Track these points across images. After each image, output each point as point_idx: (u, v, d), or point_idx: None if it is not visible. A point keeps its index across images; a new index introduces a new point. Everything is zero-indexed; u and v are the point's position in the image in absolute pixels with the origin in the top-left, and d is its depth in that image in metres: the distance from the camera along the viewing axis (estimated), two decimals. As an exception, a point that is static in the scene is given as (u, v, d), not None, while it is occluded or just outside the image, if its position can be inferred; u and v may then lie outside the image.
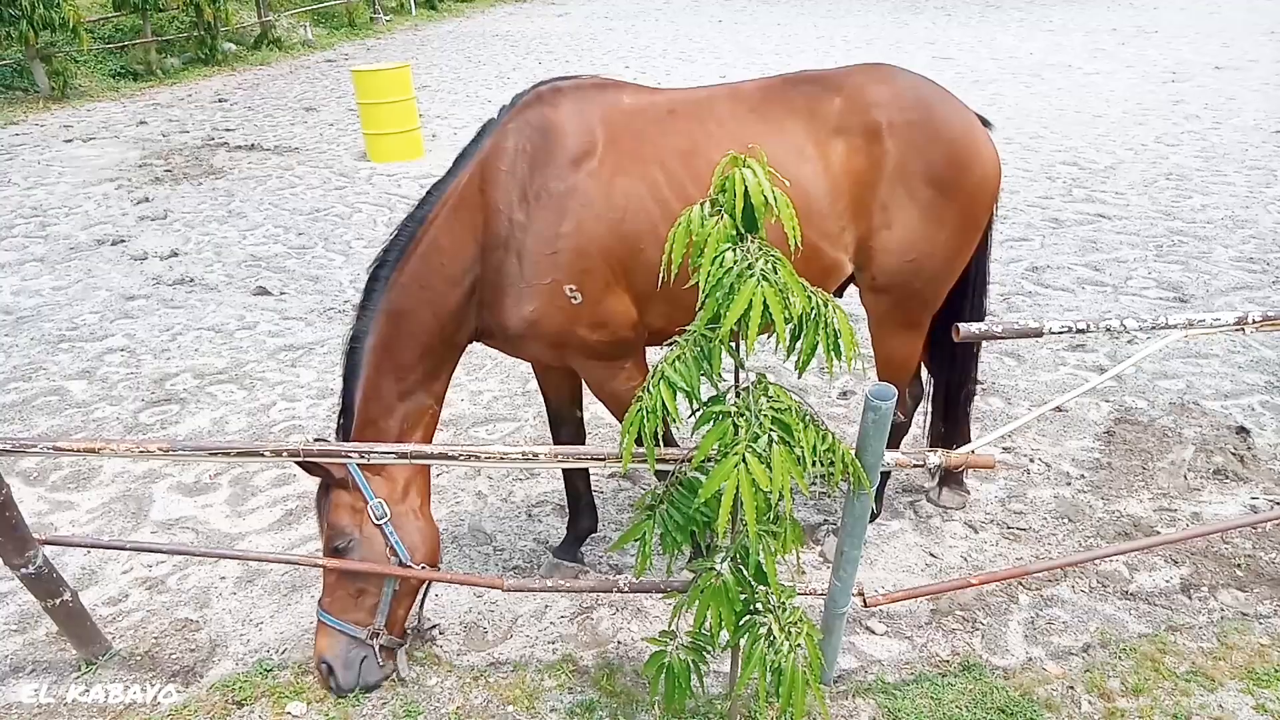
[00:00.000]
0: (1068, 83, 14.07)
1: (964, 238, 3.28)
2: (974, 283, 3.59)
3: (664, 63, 17.43)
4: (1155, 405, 4.86)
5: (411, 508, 3.03)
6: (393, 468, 3.00)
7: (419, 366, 3.04)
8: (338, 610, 2.99)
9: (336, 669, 3.00)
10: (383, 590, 2.99)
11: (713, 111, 3.12)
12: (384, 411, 3.02)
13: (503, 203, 2.93)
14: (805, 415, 2.23)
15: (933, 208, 3.14)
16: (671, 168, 2.99)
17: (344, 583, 2.98)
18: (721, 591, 2.32)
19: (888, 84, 3.21)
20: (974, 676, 3.10)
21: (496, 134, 3.01)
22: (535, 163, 2.93)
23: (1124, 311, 5.90)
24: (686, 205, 2.94)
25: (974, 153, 3.20)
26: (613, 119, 3.04)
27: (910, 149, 3.10)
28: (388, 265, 3.00)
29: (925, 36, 19.71)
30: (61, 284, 7.28)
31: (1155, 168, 9.42)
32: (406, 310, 2.97)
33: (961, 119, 3.24)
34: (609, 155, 2.97)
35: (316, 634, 3.04)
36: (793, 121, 3.12)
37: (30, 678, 3.23)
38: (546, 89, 3.10)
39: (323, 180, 10.20)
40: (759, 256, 2.09)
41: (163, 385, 5.54)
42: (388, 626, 3.04)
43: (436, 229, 2.97)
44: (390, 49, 21.10)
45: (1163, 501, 4.06)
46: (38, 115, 14.21)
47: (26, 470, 4.57)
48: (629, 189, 2.95)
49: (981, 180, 3.22)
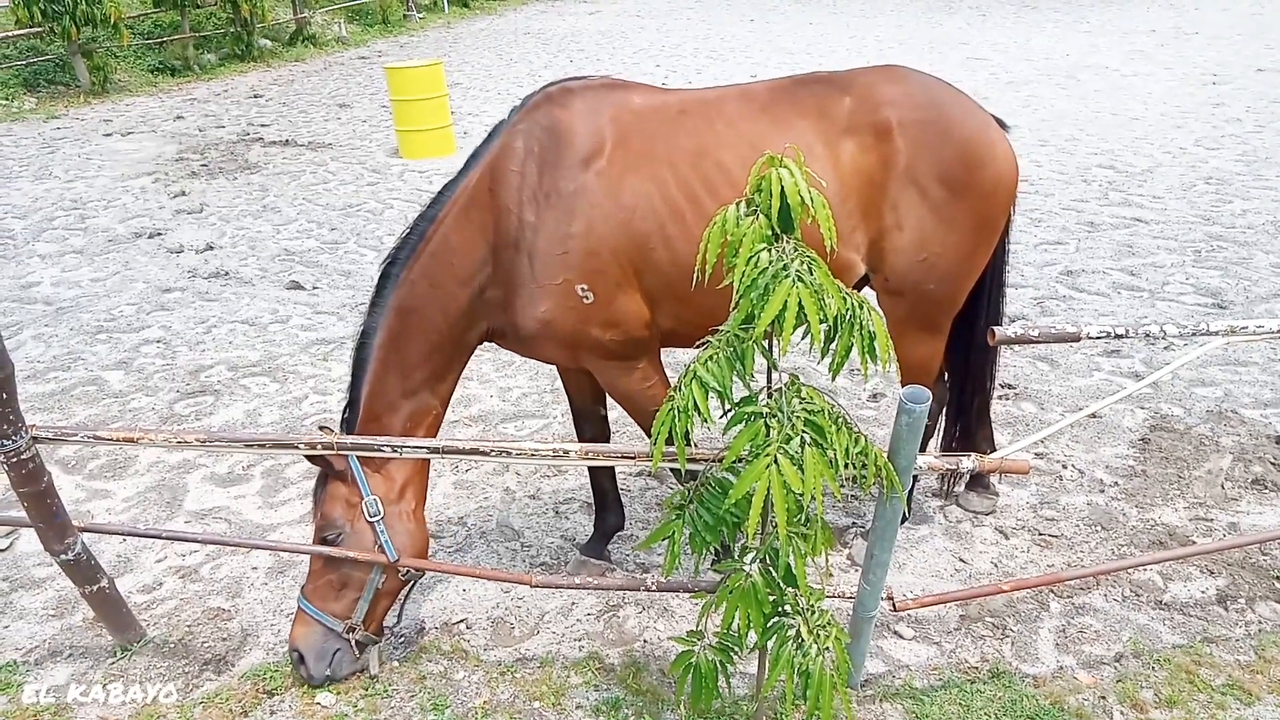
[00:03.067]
0: (1104, 85, 13.87)
1: (979, 239, 3.22)
2: (990, 286, 3.52)
3: (695, 61, 17.40)
4: (1192, 413, 4.78)
5: (405, 509, 3.06)
6: (391, 468, 3.04)
7: (426, 365, 3.07)
8: (318, 600, 3.01)
9: (309, 659, 3.01)
10: (366, 585, 3.00)
11: (722, 112, 3.11)
12: (388, 408, 3.05)
13: (513, 203, 2.95)
14: (838, 417, 2.21)
15: (945, 208, 3.09)
16: (681, 168, 2.99)
17: (328, 573, 3.01)
18: (750, 593, 2.32)
19: (899, 83, 3.17)
20: (1003, 684, 3.07)
21: (506, 134, 3.04)
22: (545, 163, 2.95)
23: (1160, 317, 5.80)
24: (695, 205, 2.98)
25: (988, 152, 3.14)
26: (622, 119, 3.05)
27: (921, 148, 3.06)
28: (399, 263, 3.03)
29: (959, 37, 19.51)
30: (100, 276, 7.41)
31: (1194, 171, 9.26)
32: (415, 308, 3.01)
33: (975, 118, 3.19)
34: (618, 155, 2.98)
35: (294, 621, 3.06)
36: (802, 121, 3.09)
37: (67, 662, 3.30)
38: (556, 89, 3.12)
39: (355, 176, 10.29)
40: (794, 257, 2.08)
41: (197, 377, 5.62)
42: (366, 622, 3.05)
43: (447, 228, 3.00)
44: (423, 46, 21.24)
45: (1199, 511, 3.99)
46: (78, 109, 14.46)
47: (64, 459, 4.66)
48: (638, 189, 2.95)
49: (995, 180, 3.16)
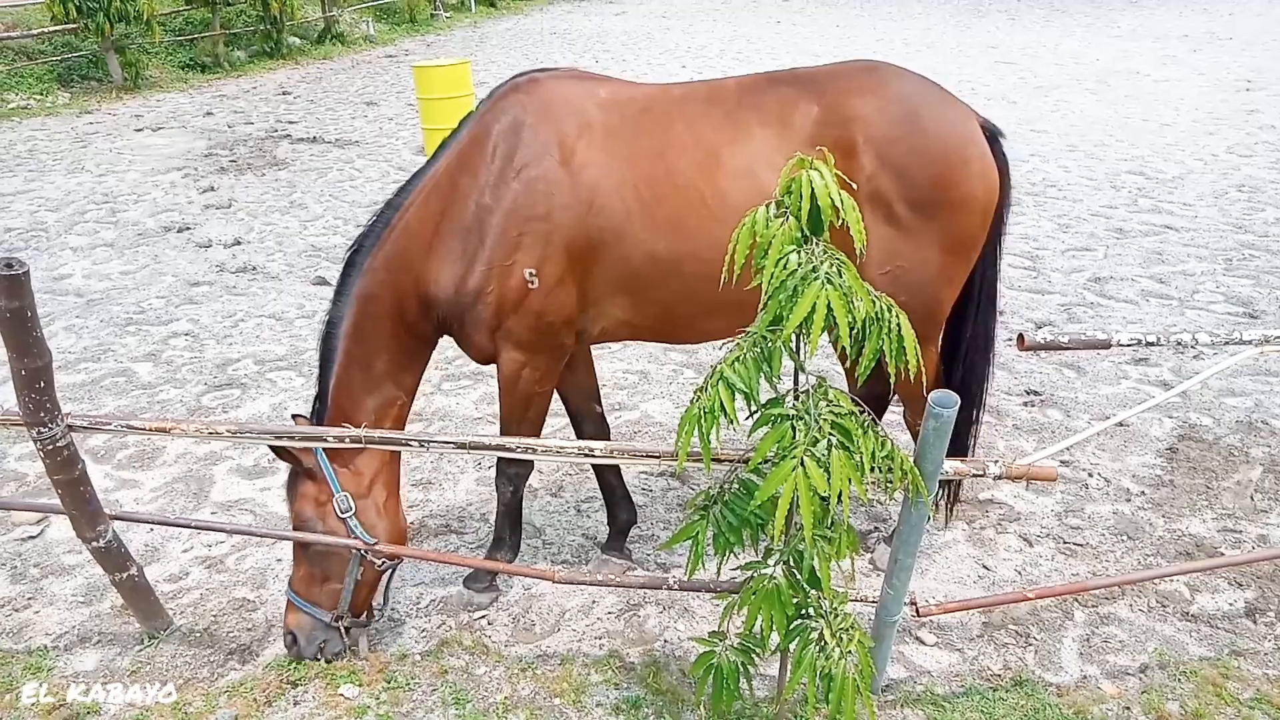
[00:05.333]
0: (1135, 90, 13.73)
1: (953, 255, 3.11)
2: (978, 296, 3.40)
3: (720, 62, 17.38)
4: (1221, 423, 4.72)
5: (376, 502, 3.12)
6: (360, 462, 3.09)
7: (386, 354, 3.13)
8: (303, 591, 3.10)
9: (300, 640, 3.12)
10: (345, 578, 3.07)
11: (683, 112, 3.09)
12: (354, 399, 3.11)
13: (473, 189, 3.01)
14: (865, 421, 2.21)
15: (911, 226, 3.00)
16: (639, 166, 3.00)
17: (309, 566, 3.09)
18: (774, 594, 2.32)
19: (874, 94, 3.02)
20: (1026, 692, 3.05)
21: (474, 124, 3.11)
22: (510, 150, 3.00)
23: (1190, 326, 5.73)
24: (644, 207, 3.00)
25: (961, 171, 3.01)
26: (587, 112, 3.07)
27: (887, 169, 2.95)
28: (364, 250, 3.10)
29: (987, 40, 19.37)
30: (130, 269, 7.51)
31: (1226, 179, 9.14)
32: (376, 295, 3.07)
33: (954, 133, 3.04)
34: (580, 147, 3.00)
35: (286, 609, 3.16)
36: (763, 130, 3.02)
37: (96, 648, 3.35)
38: (524, 80, 3.17)
39: (382, 174, 10.37)
40: (824, 259, 2.08)
41: (224, 370, 5.68)
42: (351, 610, 3.13)
43: (410, 215, 3.07)
44: (450, 45, 21.36)
45: (1227, 522, 3.94)
46: (111, 105, 14.66)
47: (94, 448, 4.72)
48: (597, 183, 2.98)
49: (967, 199, 3.02)
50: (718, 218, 2.95)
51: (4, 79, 14.82)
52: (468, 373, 5.51)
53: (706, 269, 2.96)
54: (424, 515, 4.18)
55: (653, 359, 5.74)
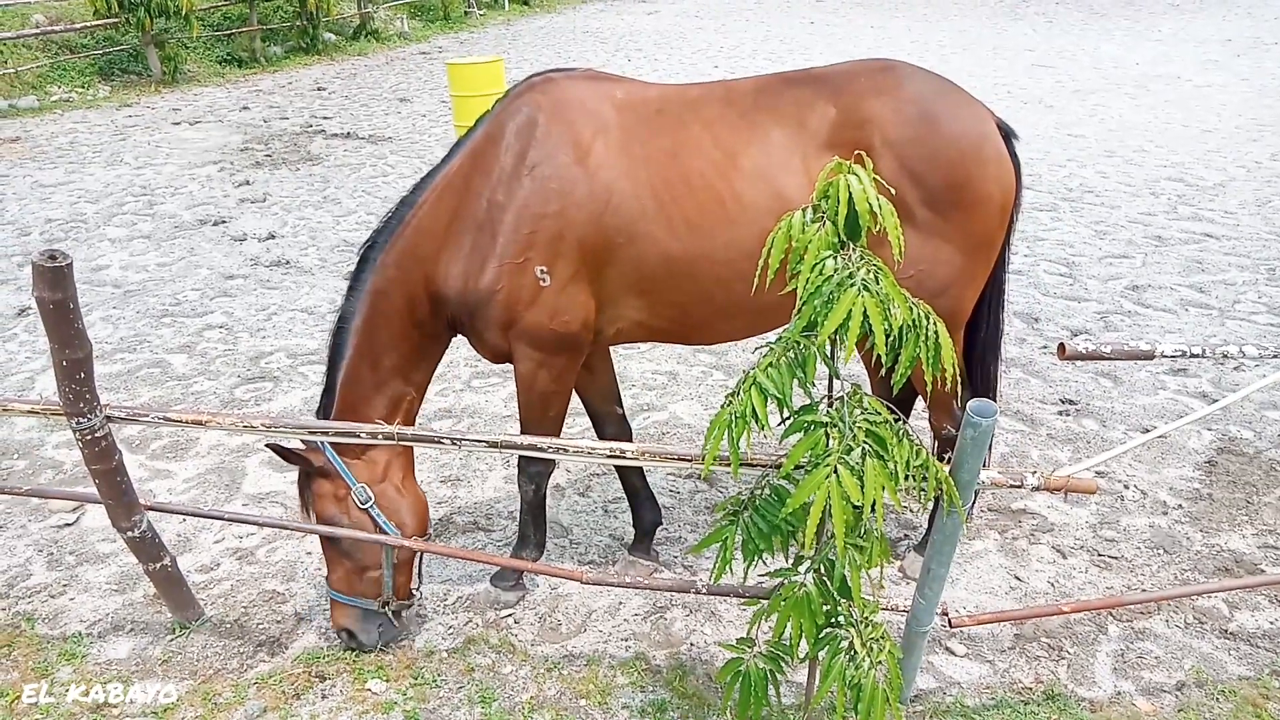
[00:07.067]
0: (1176, 95, 13.49)
1: (973, 254, 3.12)
2: (990, 297, 3.40)
3: (753, 63, 17.30)
4: (1262, 436, 4.62)
5: (394, 484, 3.17)
6: (371, 451, 3.13)
7: (397, 350, 3.14)
8: (346, 588, 3.15)
9: (356, 632, 3.18)
10: (382, 564, 3.12)
11: (699, 114, 3.08)
12: (363, 395, 3.14)
13: (486, 186, 3.01)
14: (899, 429, 2.18)
15: (931, 228, 3.00)
16: (655, 167, 2.99)
17: (345, 561, 3.13)
18: (804, 602, 2.30)
19: (890, 95, 3.01)
20: (1058, 706, 3.00)
21: (489, 123, 3.11)
22: (524, 149, 3.00)
23: (1230, 336, 5.62)
24: (661, 207, 2.99)
25: (979, 171, 3.01)
26: (603, 112, 3.06)
27: (904, 172, 2.94)
28: (377, 247, 3.10)
29: (1024, 43, 19.13)
30: (166, 261, 7.61)
31: (1269, 187, 8.95)
32: (387, 291, 3.08)
33: (971, 134, 3.04)
34: (597, 147, 3.00)
35: (331, 609, 3.22)
36: (779, 131, 3.01)
37: (129, 636, 3.39)
38: (540, 79, 3.17)
39: (414, 170, 10.42)
40: (860, 265, 2.05)
41: (258, 363, 5.74)
42: (395, 594, 3.18)
43: (424, 213, 3.07)
44: (483, 43, 21.45)
45: (1268, 538, 3.86)
46: (149, 98, 14.88)
47: (129, 437, 4.79)
48: (613, 183, 2.97)
49: (985, 199, 3.03)
50: (733, 220, 2.94)
51: (47, 72, 15.10)
52: (497, 370, 5.52)
53: (722, 270, 2.96)
54: (451, 511, 4.20)
55: (681, 360, 5.73)
